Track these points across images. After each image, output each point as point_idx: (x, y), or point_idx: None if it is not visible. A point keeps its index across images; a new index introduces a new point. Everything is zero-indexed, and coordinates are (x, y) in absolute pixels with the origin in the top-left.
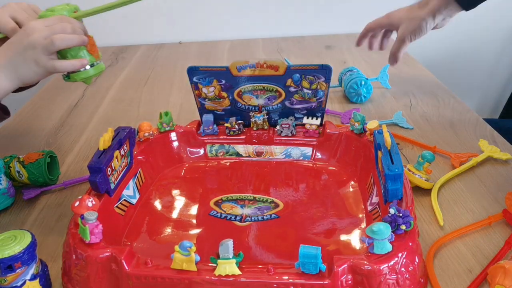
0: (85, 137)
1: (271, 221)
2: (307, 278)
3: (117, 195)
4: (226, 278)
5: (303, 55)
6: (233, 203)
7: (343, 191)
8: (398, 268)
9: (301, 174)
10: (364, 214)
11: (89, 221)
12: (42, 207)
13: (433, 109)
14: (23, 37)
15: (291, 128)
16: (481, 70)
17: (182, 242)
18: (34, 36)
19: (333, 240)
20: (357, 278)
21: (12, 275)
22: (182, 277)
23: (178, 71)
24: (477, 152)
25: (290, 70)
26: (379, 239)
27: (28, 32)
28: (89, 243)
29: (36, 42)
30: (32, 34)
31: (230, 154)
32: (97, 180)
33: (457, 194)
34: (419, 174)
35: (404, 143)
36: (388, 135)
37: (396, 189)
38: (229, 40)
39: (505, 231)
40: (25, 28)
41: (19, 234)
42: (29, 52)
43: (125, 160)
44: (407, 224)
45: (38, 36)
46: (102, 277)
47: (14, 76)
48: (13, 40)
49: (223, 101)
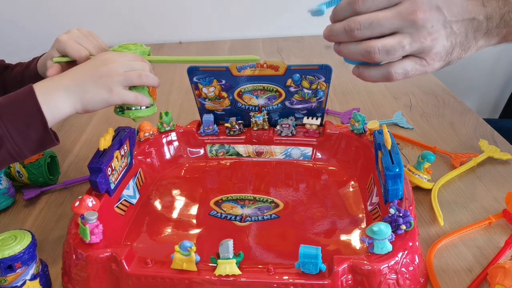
0: (85, 137)
1: (271, 221)
2: (307, 278)
3: (117, 195)
4: (226, 278)
5: (303, 55)
6: (233, 203)
7: (343, 191)
8: (398, 268)
9: (301, 174)
10: (364, 214)
11: (89, 221)
12: (42, 207)
13: (433, 109)
14: (101, 64)
15: (291, 128)
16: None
17: (182, 242)
18: (114, 66)
19: (333, 240)
20: (357, 278)
21: (12, 275)
22: (182, 277)
23: (178, 71)
24: (477, 152)
25: (290, 70)
26: (379, 239)
27: (106, 61)
28: (89, 243)
29: (114, 71)
30: (112, 64)
31: (230, 154)
32: (97, 180)
33: (457, 194)
34: (419, 174)
35: (404, 143)
36: (388, 135)
37: (396, 189)
38: (229, 40)
39: (505, 231)
40: (103, 57)
41: (19, 234)
42: (104, 80)
43: (125, 160)
44: (407, 224)
45: (118, 66)
46: (102, 277)
47: (78, 101)
48: (86, 67)
49: (223, 101)
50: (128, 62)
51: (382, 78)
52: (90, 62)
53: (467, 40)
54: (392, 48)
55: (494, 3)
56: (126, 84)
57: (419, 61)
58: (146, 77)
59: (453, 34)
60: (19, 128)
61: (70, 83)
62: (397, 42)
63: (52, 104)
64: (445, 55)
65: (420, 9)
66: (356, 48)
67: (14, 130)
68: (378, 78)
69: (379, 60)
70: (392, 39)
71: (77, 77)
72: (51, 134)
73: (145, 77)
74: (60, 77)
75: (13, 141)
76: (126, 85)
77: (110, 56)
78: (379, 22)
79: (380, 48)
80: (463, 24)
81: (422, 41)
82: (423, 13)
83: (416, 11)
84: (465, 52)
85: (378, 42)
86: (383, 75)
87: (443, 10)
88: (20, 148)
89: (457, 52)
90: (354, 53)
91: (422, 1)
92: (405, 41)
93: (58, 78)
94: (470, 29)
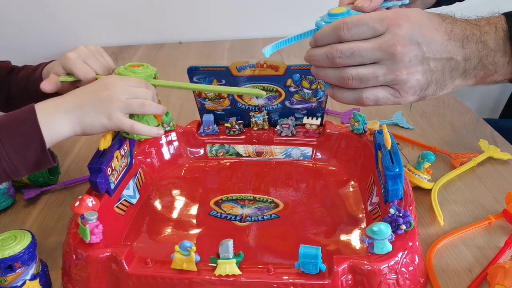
0: (85, 137)
1: (271, 221)
2: (307, 278)
3: (117, 195)
4: (226, 278)
5: (303, 55)
6: (233, 203)
7: (343, 191)
8: (398, 268)
9: (301, 174)
10: (364, 214)
11: (89, 221)
12: (42, 207)
13: (433, 109)
14: (101, 89)
15: (291, 128)
16: None
17: (182, 242)
18: (114, 91)
19: (333, 240)
20: (357, 278)
21: (12, 275)
22: (182, 277)
23: (178, 71)
24: (477, 152)
25: (290, 70)
26: (379, 239)
27: (108, 86)
28: (89, 243)
29: (115, 97)
30: (112, 89)
31: (230, 154)
32: (97, 180)
33: (457, 194)
34: (419, 174)
35: (404, 143)
36: (388, 135)
37: (396, 189)
38: (229, 40)
39: (505, 231)
40: (106, 81)
41: (19, 234)
42: (104, 105)
43: (125, 160)
44: (407, 224)
45: (118, 92)
46: (102, 277)
47: (77, 124)
48: (88, 90)
49: (223, 101)
50: (131, 88)
51: (353, 101)
52: (92, 85)
53: (443, 78)
54: (366, 77)
55: (473, 46)
56: (127, 112)
57: (392, 92)
58: (148, 106)
59: (430, 70)
60: (16, 147)
61: (71, 106)
62: (371, 72)
63: (52, 125)
64: (419, 90)
65: (400, 43)
66: (333, 73)
67: (11, 149)
68: (349, 101)
69: (353, 87)
70: (367, 69)
71: (77, 100)
72: (49, 155)
73: (148, 107)
74: (62, 99)
75: (9, 160)
76: (127, 113)
77: (112, 80)
78: (360, 52)
79: (354, 76)
80: (440, 62)
81: (398, 74)
82: (402, 47)
83: (396, 45)
84: (440, 89)
85: (353, 70)
86: (355, 99)
87: (423, 46)
88: (16, 166)
89: (432, 88)
90: (331, 78)
91: (403, 35)
92: (380, 71)
93: (60, 100)
94: (447, 68)
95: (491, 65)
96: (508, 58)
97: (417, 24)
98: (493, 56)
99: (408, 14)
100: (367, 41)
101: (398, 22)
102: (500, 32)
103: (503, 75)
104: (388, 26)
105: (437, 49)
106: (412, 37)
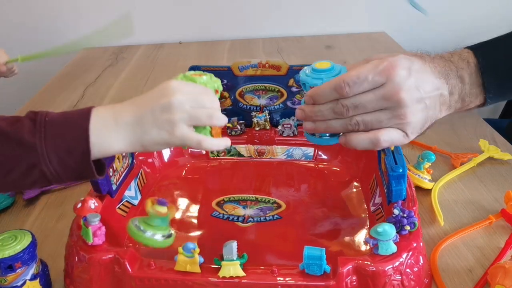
0: None
1: (273, 222)
2: (311, 280)
3: (119, 196)
4: (230, 280)
5: (303, 55)
6: (235, 203)
7: (345, 192)
8: (403, 268)
9: (303, 174)
10: (367, 214)
11: (91, 223)
12: (42, 207)
13: None
14: (161, 95)
15: (293, 128)
16: None
17: (185, 244)
18: (176, 99)
19: (337, 241)
20: (362, 279)
21: (12, 275)
22: (186, 279)
23: (178, 71)
24: (477, 152)
25: (292, 70)
26: (383, 240)
27: (168, 92)
28: (91, 245)
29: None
30: (173, 97)
31: (232, 154)
32: (99, 181)
33: (457, 194)
34: (419, 174)
35: None
36: None
37: (400, 190)
38: (229, 40)
39: (505, 231)
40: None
41: (19, 234)
42: (166, 115)
43: (127, 161)
44: (412, 225)
45: (181, 100)
46: (105, 279)
47: (135, 139)
48: (147, 97)
49: (225, 101)
50: (197, 95)
51: (369, 144)
52: (152, 92)
53: (435, 113)
54: (370, 123)
55: (453, 81)
56: (191, 124)
57: (401, 133)
58: (217, 119)
59: (426, 108)
60: (59, 151)
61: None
62: (375, 118)
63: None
64: (420, 128)
65: (403, 89)
66: (338, 123)
67: (53, 154)
68: (365, 144)
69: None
70: (371, 116)
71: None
72: (92, 167)
73: (216, 119)
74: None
75: (50, 165)
76: (191, 125)
77: (174, 85)
78: (364, 105)
79: (359, 122)
80: (433, 99)
81: (403, 117)
82: (405, 93)
83: (399, 92)
84: (431, 122)
85: (359, 117)
86: (371, 141)
87: (420, 89)
88: (57, 172)
89: (428, 124)
90: (336, 127)
91: (403, 82)
92: (384, 116)
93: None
94: (438, 103)
95: (467, 96)
96: (479, 89)
97: (409, 70)
98: (469, 89)
99: (399, 62)
100: (369, 93)
101: (396, 71)
102: (473, 67)
103: (474, 103)
104: (387, 76)
105: (429, 87)
106: (411, 82)
